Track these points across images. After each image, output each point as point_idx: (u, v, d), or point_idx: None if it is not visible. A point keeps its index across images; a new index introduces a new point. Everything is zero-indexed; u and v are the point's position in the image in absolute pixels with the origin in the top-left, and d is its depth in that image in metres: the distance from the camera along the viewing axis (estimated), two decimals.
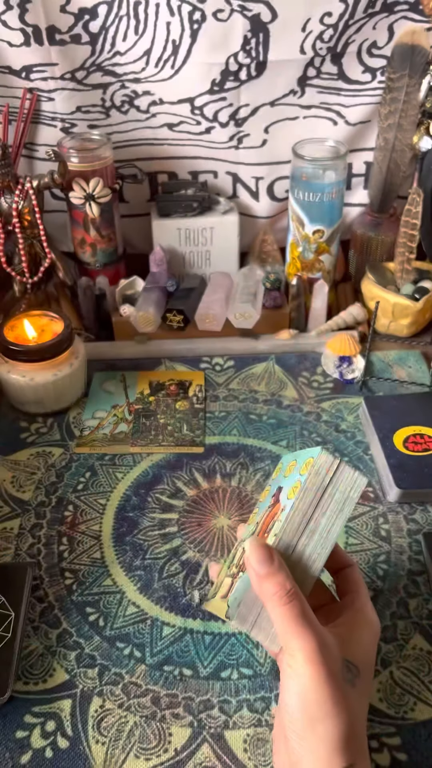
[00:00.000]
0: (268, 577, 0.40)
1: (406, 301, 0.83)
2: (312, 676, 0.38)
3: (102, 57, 0.81)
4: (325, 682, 0.38)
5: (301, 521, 0.43)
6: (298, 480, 0.45)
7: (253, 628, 0.43)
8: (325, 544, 0.43)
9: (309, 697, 0.38)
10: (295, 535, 0.43)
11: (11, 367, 0.72)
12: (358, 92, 0.86)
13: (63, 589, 0.58)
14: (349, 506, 0.44)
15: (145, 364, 0.84)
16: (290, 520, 0.43)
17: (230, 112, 0.86)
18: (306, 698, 0.38)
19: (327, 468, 0.44)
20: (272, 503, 0.48)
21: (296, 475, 0.46)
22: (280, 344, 0.85)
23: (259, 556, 0.41)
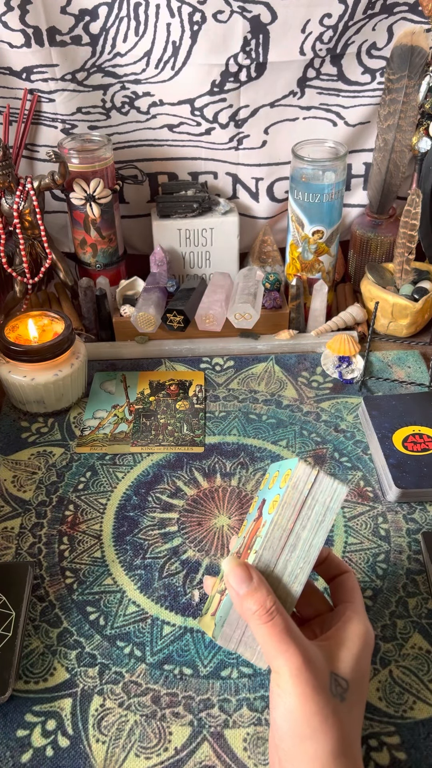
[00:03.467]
0: (247, 596, 0.40)
1: (405, 302, 0.83)
2: (298, 693, 0.38)
3: (102, 58, 0.81)
4: (311, 699, 0.38)
5: (281, 536, 0.43)
6: (277, 494, 0.45)
7: (239, 647, 0.42)
8: (308, 557, 0.43)
9: (296, 715, 0.38)
10: (275, 551, 0.42)
11: (12, 367, 0.73)
12: (358, 93, 0.86)
13: (63, 588, 0.59)
14: (330, 516, 0.43)
15: (146, 364, 0.84)
16: (269, 537, 0.42)
17: (230, 113, 0.86)
18: (293, 716, 0.38)
19: (305, 480, 0.44)
20: (257, 516, 0.47)
21: (277, 489, 0.46)
22: (279, 344, 0.85)
23: (237, 575, 0.40)
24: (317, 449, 0.72)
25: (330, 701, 0.39)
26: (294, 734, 0.38)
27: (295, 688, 0.38)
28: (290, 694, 0.38)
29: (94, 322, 0.86)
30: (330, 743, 0.38)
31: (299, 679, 0.38)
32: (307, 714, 0.38)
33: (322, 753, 0.38)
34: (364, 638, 0.43)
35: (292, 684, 0.38)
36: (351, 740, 0.39)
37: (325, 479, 0.44)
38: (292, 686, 0.38)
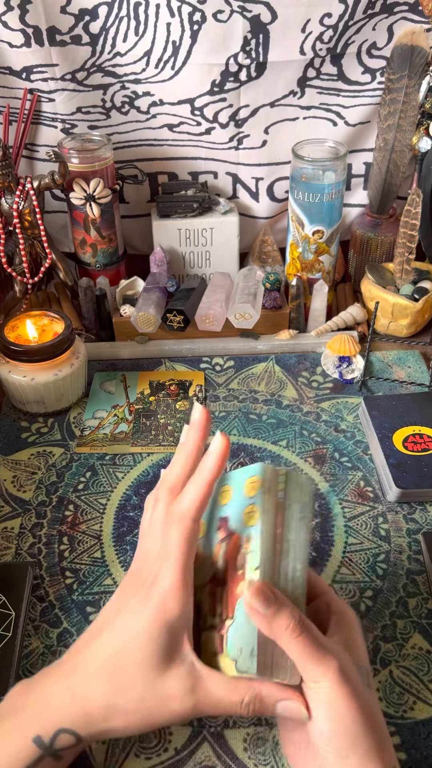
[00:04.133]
0: (276, 615, 0.39)
1: (405, 302, 0.83)
2: (342, 697, 0.38)
3: (102, 58, 0.81)
4: (355, 700, 0.38)
5: (274, 545, 0.42)
6: (250, 504, 0.43)
7: (273, 672, 0.40)
8: (301, 556, 0.42)
9: (345, 720, 0.38)
10: (274, 561, 0.42)
11: (12, 367, 0.73)
12: (358, 93, 0.86)
13: (63, 588, 0.58)
14: (307, 510, 0.43)
15: (145, 364, 0.84)
16: (264, 549, 0.41)
17: (230, 113, 0.86)
18: (342, 722, 0.38)
19: (276, 482, 0.43)
20: (223, 536, 0.45)
21: (244, 500, 0.44)
22: (279, 344, 0.85)
23: (261, 598, 0.39)
24: (317, 449, 0.72)
25: (367, 697, 0.39)
26: (345, 738, 0.38)
27: (337, 694, 0.38)
28: (334, 700, 0.38)
29: (94, 322, 0.86)
30: (378, 736, 0.39)
31: (341, 685, 0.38)
32: (354, 716, 0.38)
33: (373, 747, 0.38)
34: (357, 624, 0.44)
35: (337, 690, 0.38)
36: (382, 721, 0.40)
37: (294, 476, 0.43)
38: (335, 693, 0.38)
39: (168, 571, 0.40)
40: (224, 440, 0.41)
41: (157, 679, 0.40)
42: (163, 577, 0.40)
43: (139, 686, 0.39)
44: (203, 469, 0.42)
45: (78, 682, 0.40)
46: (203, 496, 0.42)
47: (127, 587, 0.42)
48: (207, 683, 0.40)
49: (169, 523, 0.42)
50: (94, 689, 0.40)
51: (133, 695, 0.40)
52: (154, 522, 0.44)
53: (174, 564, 0.40)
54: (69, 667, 0.41)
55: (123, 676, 0.40)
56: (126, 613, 0.41)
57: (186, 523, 0.41)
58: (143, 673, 0.40)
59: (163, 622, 0.40)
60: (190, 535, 0.41)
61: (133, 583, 0.42)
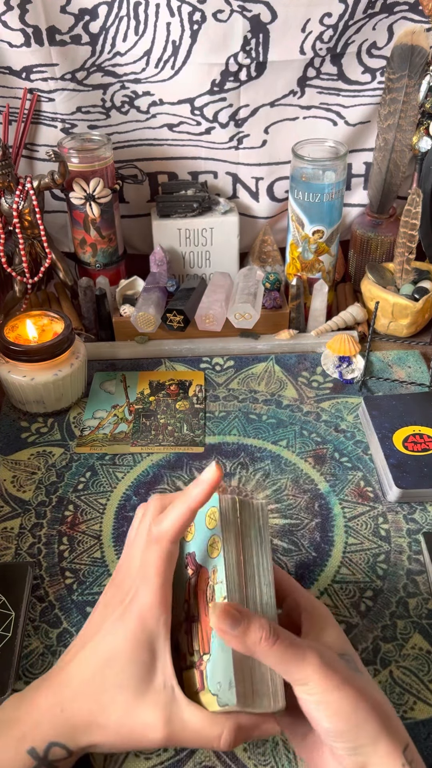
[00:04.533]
0: (246, 631, 0.39)
1: (405, 302, 0.83)
2: (333, 689, 0.38)
3: (102, 57, 0.81)
4: (346, 688, 0.38)
5: (239, 573, 0.42)
6: (212, 536, 0.44)
7: (254, 700, 0.40)
8: (267, 578, 0.43)
9: (344, 713, 0.38)
10: (241, 588, 0.42)
11: (12, 367, 0.73)
12: (358, 93, 0.86)
13: (63, 588, 0.58)
14: (267, 531, 0.44)
15: (145, 364, 0.84)
16: (229, 579, 0.42)
17: (230, 113, 0.86)
18: (342, 715, 0.38)
19: (231, 510, 0.43)
20: (191, 572, 0.46)
21: (206, 533, 0.44)
22: (279, 344, 0.85)
23: (228, 620, 0.39)
24: (317, 449, 0.72)
25: (360, 679, 0.40)
26: (349, 728, 0.38)
27: (329, 685, 0.38)
28: (328, 691, 0.38)
29: (94, 321, 0.86)
30: (380, 717, 0.38)
31: (329, 675, 0.38)
32: (352, 700, 0.38)
33: (378, 728, 0.38)
34: (330, 616, 0.44)
35: (325, 682, 0.38)
36: (387, 703, 0.40)
37: (246, 503, 0.44)
38: (325, 685, 0.38)
39: (145, 591, 0.41)
40: (217, 472, 0.42)
41: (136, 704, 0.40)
42: (140, 597, 0.41)
43: (118, 709, 0.40)
44: (189, 495, 0.42)
45: (66, 698, 0.41)
46: (184, 520, 0.42)
47: (108, 603, 0.43)
48: (185, 714, 0.40)
49: (148, 543, 0.43)
50: (79, 706, 0.41)
51: (113, 717, 0.40)
52: (138, 537, 0.44)
53: (151, 584, 0.41)
54: (58, 681, 0.42)
55: (104, 697, 0.40)
56: (106, 631, 0.42)
57: (163, 544, 0.42)
58: (122, 696, 0.40)
59: (143, 641, 0.40)
60: (167, 557, 0.42)
61: (114, 600, 0.43)
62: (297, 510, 0.65)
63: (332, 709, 0.38)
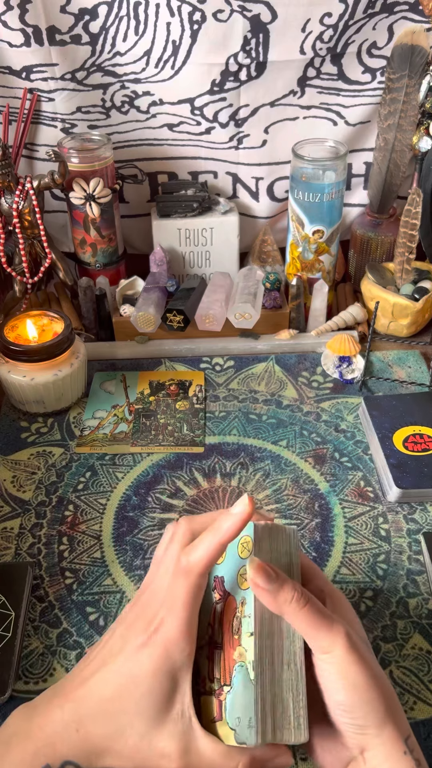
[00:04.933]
0: (279, 589, 0.39)
1: (405, 301, 0.83)
2: (354, 663, 0.38)
3: (102, 57, 0.81)
4: (366, 666, 0.39)
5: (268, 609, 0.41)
6: (243, 567, 0.43)
7: (276, 734, 0.38)
8: None
9: (359, 687, 0.38)
10: (271, 622, 0.41)
11: (12, 367, 0.73)
12: (358, 93, 0.86)
13: (63, 588, 0.58)
14: (295, 559, 0.43)
15: (145, 364, 0.84)
16: (258, 613, 0.41)
17: (230, 113, 0.86)
18: (357, 689, 0.38)
19: (267, 539, 0.43)
20: (218, 598, 0.45)
21: (238, 561, 0.44)
22: (279, 344, 0.85)
23: (263, 576, 0.40)
24: (317, 449, 0.72)
25: (376, 662, 0.40)
26: (361, 704, 0.38)
27: (352, 657, 0.38)
28: (351, 663, 0.38)
29: (94, 321, 0.86)
30: (389, 700, 0.39)
31: (353, 649, 0.39)
32: (368, 679, 0.38)
33: (385, 710, 0.38)
34: (351, 606, 0.45)
35: (349, 655, 0.38)
36: (392, 689, 0.41)
37: (275, 529, 0.43)
38: (348, 658, 0.38)
39: (171, 622, 0.41)
40: (250, 506, 0.41)
41: (153, 733, 0.40)
42: (166, 627, 0.41)
43: (135, 736, 0.40)
44: (219, 529, 0.42)
45: (82, 718, 0.40)
46: (213, 555, 0.42)
47: (132, 625, 0.42)
48: (201, 746, 0.40)
49: (176, 574, 0.42)
50: (95, 728, 0.40)
51: (129, 743, 0.40)
52: (166, 561, 0.44)
53: (178, 616, 0.41)
54: (75, 697, 0.41)
55: (122, 722, 0.40)
56: (128, 655, 0.41)
57: (192, 578, 0.41)
58: (140, 723, 0.40)
59: (166, 671, 0.40)
60: (195, 589, 0.41)
61: (138, 623, 0.42)
62: (297, 510, 0.65)
63: (349, 681, 0.38)
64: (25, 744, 0.40)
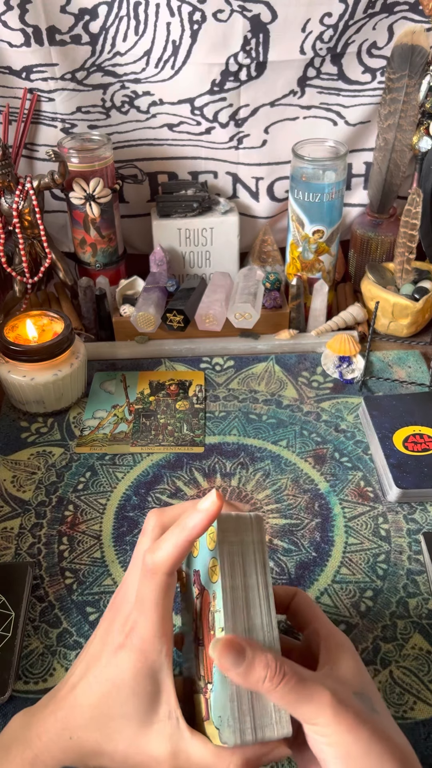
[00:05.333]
0: (250, 669, 0.36)
1: (405, 301, 0.83)
2: (346, 731, 0.36)
3: (102, 57, 0.81)
4: (361, 730, 0.36)
5: (237, 599, 0.40)
6: (212, 558, 0.42)
7: (256, 733, 0.37)
8: (267, 598, 0.40)
9: (353, 754, 0.36)
10: (241, 616, 0.40)
11: (12, 367, 0.73)
12: (358, 92, 0.86)
13: (63, 588, 0.58)
14: (264, 549, 0.42)
15: (145, 364, 0.84)
16: (227, 606, 0.39)
17: (230, 113, 0.86)
18: (351, 757, 0.36)
19: (231, 530, 0.41)
20: (197, 592, 0.44)
21: (207, 553, 0.43)
22: (280, 344, 0.85)
23: (230, 656, 0.36)
24: (317, 449, 0.72)
25: (376, 718, 0.37)
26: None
27: (341, 726, 0.35)
28: (341, 732, 0.36)
29: (94, 321, 0.86)
30: (397, 755, 0.36)
31: (341, 715, 0.35)
32: (365, 743, 0.36)
33: (401, 762, 0.36)
34: (350, 648, 0.42)
35: (337, 723, 0.35)
36: (405, 745, 0.38)
37: (240, 518, 0.42)
38: (337, 726, 0.36)
39: (144, 623, 0.40)
40: (218, 502, 0.39)
41: (141, 736, 0.39)
42: (139, 629, 0.40)
43: (124, 740, 0.40)
44: (185, 526, 0.40)
45: (74, 725, 0.40)
46: (179, 552, 0.40)
47: (108, 628, 0.42)
48: (190, 747, 0.39)
49: (143, 574, 0.41)
50: (87, 734, 0.40)
51: (119, 747, 0.40)
52: (136, 557, 0.43)
53: (149, 617, 0.40)
54: (66, 704, 0.41)
55: (110, 727, 0.40)
56: (108, 659, 0.41)
57: (158, 577, 0.40)
58: (128, 727, 0.39)
59: (145, 673, 0.39)
60: (163, 588, 0.40)
61: (114, 625, 0.42)
62: (297, 510, 0.65)
63: (342, 752, 0.36)
64: (23, 751, 0.41)
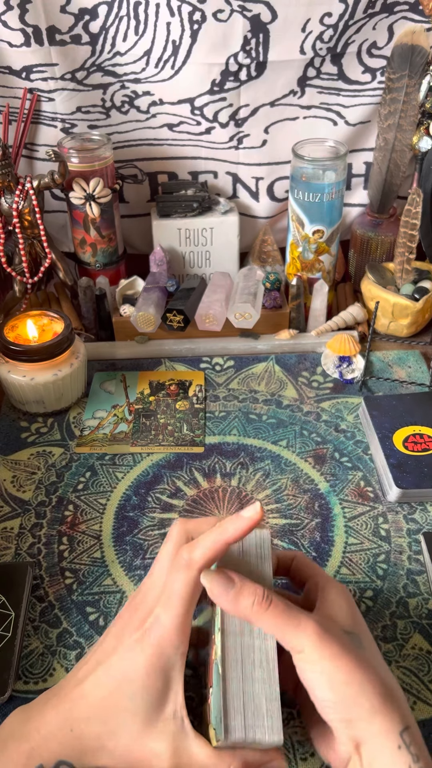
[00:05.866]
0: (238, 594, 0.39)
1: (405, 301, 0.83)
2: (330, 656, 0.38)
3: (102, 57, 0.81)
4: (344, 660, 0.38)
5: (235, 624, 0.40)
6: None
7: (246, 734, 0.38)
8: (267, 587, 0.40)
9: (338, 679, 0.38)
10: (240, 620, 0.40)
11: (12, 367, 0.73)
12: (358, 92, 0.86)
13: (63, 588, 0.58)
14: (267, 560, 0.42)
15: (145, 364, 0.84)
16: (225, 624, 0.40)
17: (230, 113, 0.86)
18: (334, 683, 0.38)
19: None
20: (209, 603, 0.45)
21: None
22: (280, 344, 0.85)
23: (219, 582, 0.39)
24: (317, 449, 0.72)
25: (362, 653, 0.39)
26: (345, 699, 0.38)
27: (324, 653, 0.38)
28: (323, 659, 0.38)
29: (94, 321, 0.86)
30: (378, 689, 0.38)
31: (325, 643, 0.38)
32: (347, 671, 0.38)
33: (375, 701, 0.38)
34: (346, 594, 0.43)
35: (321, 650, 0.38)
36: (392, 681, 0.40)
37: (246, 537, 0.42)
38: (321, 653, 0.38)
39: (167, 616, 0.40)
40: (260, 513, 0.41)
41: (145, 732, 0.40)
42: (161, 622, 0.40)
43: (127, 735, 0.40)
44: (227, 529, 0.41)
45: (76, 718, 0.41)
46: (216, 552, 0.41)
47: (126, 625, 0.42)
48: (192, 748, 0.39)
49: (175, 568, 0.41)
50: (89, 728, 0.40)
51: (121, 742, 0.40)
52: (161, 559, 0.43)
53: (173, 610, 0.40)
54: (70, 698, 0.41)
55: (114, 721, 0.40)
56: (122, 653, 0.41)
57: (192, 572, 0.41)
58: (132, 722, 0.40)
59: (158, 668, 0.40)
60: (193, 584, 0.41)
61: (132, 621, 0.42)
62: (297, 510, 0.65)
63: (326, 677, 0.38)
64: (19, 745, 0.40)
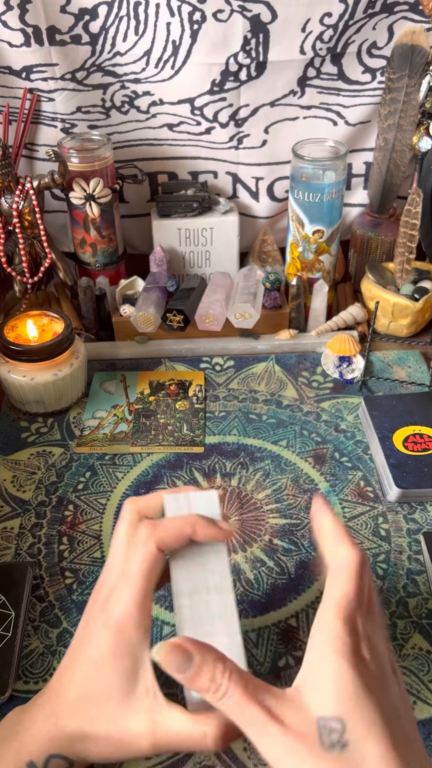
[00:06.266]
0: (195, 676, 0.36)
1: (405, 301, 0.83)
2: (295, 763, 0.34)
3: (102, 57, 0.81)
4: (304, 750, 0.34)
5: (190, 584, 0.40)
6: None
7: None
8: (223, 575, 0.40)
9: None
10: (196, 591, 0.39)
11: (12, 367, 0.73)
12: (358, 92, 0.86)
13: (63, 588, 0.58)
14: (220, 533, 0.42)
15: (145, 364, 0.84)
16: (181, 582, 0.40)
17: (230, 113, 0.86)
18: None
19: (181, 506, 0.42)
20: None
21: None
22: (280, 344, 0.85)
23: (174, 662, 0.36)
24: (317, 449, 0.72)
25: (324, 756, 0.34)
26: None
27: (288, 762, 0.34)
28: (284, 758, 0.35)
29: (94, 321, 0.86)
30: (397, 721, 0.35)
31: (282, 739, 0.34)
32: None
33: None
34: (351, 565, 0.38)
35: (285, 756, 0.34)
36: (403, 703, 0.37)
37: (192, 495, 0.42)
38: (284, 759, 0.34)
39: (126, 593, 0.40)
40: (232, 531, 0.40)
41: (121, 715, 0.40)
42: (119, 600, 0.40)
43: (106, 721, 0.40)
44: (197, 531, 0.41)
45: (60, 710, 0.41)
46: (178, 541, 0.40)
47: (91, 609, 0.42)
48: (168, 718, 0.39)
49: (133, 545, 0.41)
50: (72, 719, 0.40)
51: (102, 728, 0.40)
52: (116, 540, 0.43)
53: (132, 587, 0.40)
54: (54, 693, 0.42)
55: (93, 710, 0.40)
56: (90, 641, 0.41)
57: (150, 548, 0.40)
58: (109, 707, 0.40)
59: (122, 648, 0.40)
60: (152, 560, 0.40)
61: (96, 604, 0.42)
62: (297, 510, 0.65)
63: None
64: (11, 745, 0.41)
